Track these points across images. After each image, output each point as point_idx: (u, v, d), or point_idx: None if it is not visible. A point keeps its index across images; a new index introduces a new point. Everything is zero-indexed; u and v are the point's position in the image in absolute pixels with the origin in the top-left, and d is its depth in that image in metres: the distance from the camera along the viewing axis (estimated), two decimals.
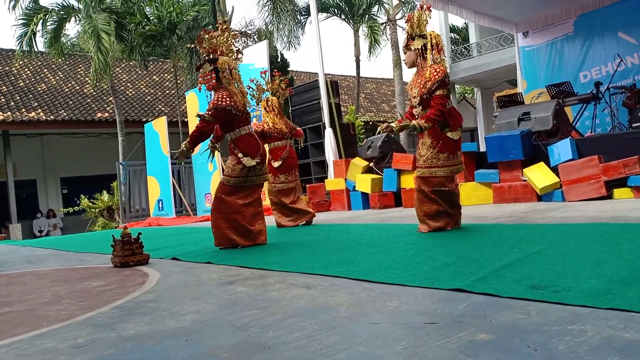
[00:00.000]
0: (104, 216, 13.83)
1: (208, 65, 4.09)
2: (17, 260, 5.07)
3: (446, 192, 3.88)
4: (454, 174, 3.92)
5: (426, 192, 3.90)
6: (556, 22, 10.36)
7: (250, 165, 4.05)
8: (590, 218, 3.94)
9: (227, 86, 4.07)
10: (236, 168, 4.07)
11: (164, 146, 11.51)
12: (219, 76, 4.07)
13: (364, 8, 19.14)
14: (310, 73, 24.01)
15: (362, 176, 7.76)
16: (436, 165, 3.86)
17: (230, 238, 4.05)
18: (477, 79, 16.76)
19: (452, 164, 3.86)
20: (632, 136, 5.62)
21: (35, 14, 14.09)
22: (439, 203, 3.87)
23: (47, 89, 17.43)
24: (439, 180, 3.85)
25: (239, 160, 4.07)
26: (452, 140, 3.86)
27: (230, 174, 4.09)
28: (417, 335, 1.51)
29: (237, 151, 4.09)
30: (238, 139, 4.11)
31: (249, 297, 2.25)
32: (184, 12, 15.53)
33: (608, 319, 1.48)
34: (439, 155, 3.85)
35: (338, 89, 9.94)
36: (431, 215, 3.91)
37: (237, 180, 4.07)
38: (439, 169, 3.85)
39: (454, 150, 3.88)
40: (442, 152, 3.85)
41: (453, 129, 3.87)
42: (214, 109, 3.97)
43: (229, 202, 4.05)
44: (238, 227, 4.05)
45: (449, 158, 3.85)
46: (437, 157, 3.86)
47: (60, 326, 2.02)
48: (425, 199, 3.91)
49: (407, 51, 3.99)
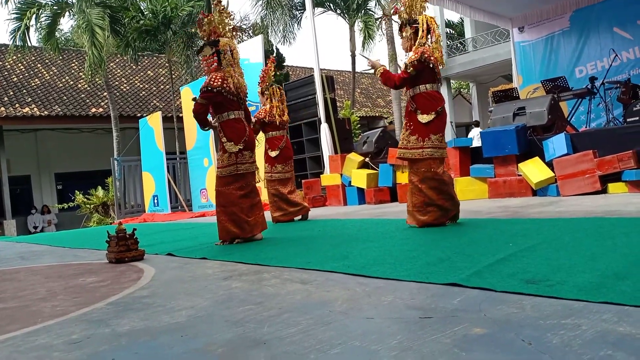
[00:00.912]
0: (99, 212, 13.79)
1: (209, 48, 4.09)
2: (12, 257, 5.05)
3: (433, 180, 3.82)
4: (424, 158, 3.83)
5: (414, 182, 3.90)
6: (552, 17, 10.37)
7: (232, 151, 4.04)
8: (585, 212, 3.96)
9: (226, 68, 4.07)
10: (224, 157, 4.09)
11: (159, 141, 11.47)
12: (220, 58, 4.07)
13: (359, 3, 19.09)
14: (306, 68, 23.97)
15: (358, 171, 7.76)
16: (405, 147, 3.90)
17: (230, 230, 4.07)
18: (472, 74, 16.78)
19: (421, 147, 3.83)
20: (626, 131, 5.64)
21: (29, 9, 13.97)
22: (425, 195, 3.84)
23: (40, 84, 17.32)
24: (421, 164, 3.83)
25: (223, 147, 4.09)
26: (421, 124, 3.85)
27: (221, 165, 4.11)
28: (412, 329, 1.51)
29: (222, 135, 4.11)
30: (225, 123, 4.11)
31: (244, 293, 2.25)
32: (179, 7, 15.44)
33: (602, 312, 1.49)
34: (410, 137, 3.89)
35: (334, 84, 9.91)
36: (418, 207, 3.89)
37: (230, 170, 4.06)
38: (407, 150, 3.88)
39: (424, 133, 3.84)
40: (412, 134, 3.88)
41: (423, 112, 3.85)
42: (205, 90, 3.99)
43: (226, 193, 4.07)
44: (236, 219, 4.06)
45: (418, 140, 3.85)
46: (407, 139, 3.90)
47: (54, 322, 2.02)
48: (413, 189, 3.92)
49: (401, 37, 4.04)
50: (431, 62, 3.80)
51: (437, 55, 3.86)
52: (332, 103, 9.42)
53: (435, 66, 3.86)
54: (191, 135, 11.19)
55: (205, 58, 4.13)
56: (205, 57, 4.13)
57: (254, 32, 18.07)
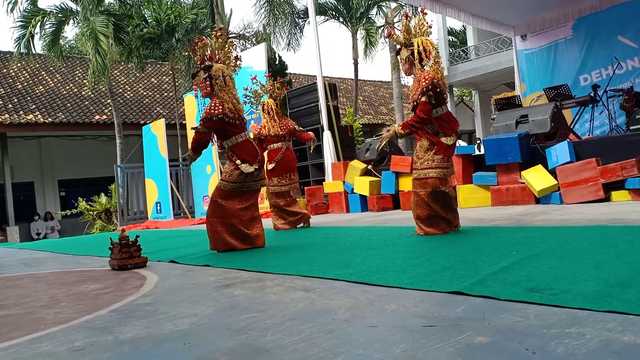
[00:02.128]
0: (102, 219, 13.81)
1: (202, 72, 4.09)
2: (15, 263, 5.06)
3: (440, 194, 3.88)
4: (446, 177, 3.96)
5: (421, 195, 3.92)
6: (554, 25, 10.39)
7: (249, 171, 4.05)
8: (588, 220, 3.95)
9: (219, 93, 4.05)
10: (234, 174, 4.07)
11: (162, 149, 11.50)
12: (212, 83, 4.05)
13: (362, 11, 19.19)
14: (309, 75, 24.04)
15: (361, 179, 7.76)
16: (430, 167, 3.90)
17: (227, 242, 4.04)
18: (475, 81, 16.81)
19: (445, 167, 3.91)
20: (629, 139, 5.63)
21: (34, 17, 14.09)
22: (431, 208, 3.89)
23: (45, 91, 17.42)
24: (433, 181, 3.87)
25: (237, 166, 4.07)
26: (446, 145, 3.90)
27: (228, 179, 4.08)
28: (416, 338, 1.51)
29: (235, 158, 4.09)
30: (236, 146, 4.12)
31: (247, 300, 2.25)
32: (182, 15, 15.54)
33: (606, 321, 1.48)
34: (435, 157, 3.90)
35: (336, 91, 9.94)
36: (424, 219, 3.93)
37: (234, 186, 4.07)
38: (432, 170, 3.89)
39: (448, 153, 3.93)
40: (437, 154, 3.91)
41: (447, 134, 3.91)
42: (207, 119, 3.98)
43: (226, 207, 4.05)
44: (235, 230, 4.05)
45: (443, 160, 3.90)
46: (432, 159, 3.91)
47: (57, 329, 2.02)
48: (419, 202, 3.94)
49: (400, 61, 4.06)
50: (440, 86, 3.83)
51: (439, 75, 3.89)
52: (335, 110, 9.44)
53: (443, 88, 3.90)
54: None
55: (197, 83, 4.12)
56: (198, 82, 4.12)
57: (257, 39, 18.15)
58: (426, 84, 3.75)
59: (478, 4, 9.63)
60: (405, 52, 3.96)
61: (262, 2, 17.57)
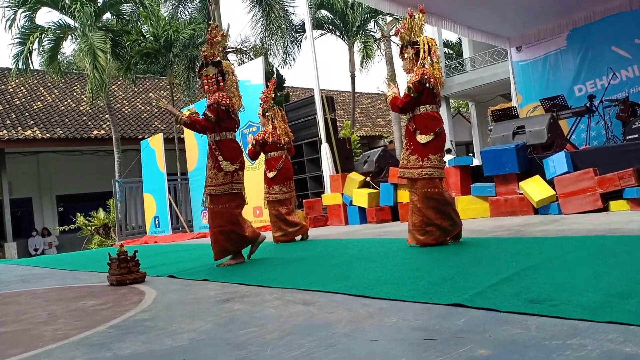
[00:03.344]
0: (100, 234, 13.75)
1: (213, 68, 4.16)
2: (13, 280, 5.03)
3: (432, 200, 3.82)
4: (424, 178, 3.84)
5: (414, 201, 3.92)
6: (549, 36, 10.48)
7: (229, 170, 4.07)
8: (587, 231, 3.94)
9: (231, 88, 4.20)
10: (218, 176, 4.08)
11: (160, 163, 11.50)
12: (225, 78, 4.18)
13: (358, 25, 19.34)
14: (306, 89, 24.16)
15: (359, 191, 7.76)
16: (406, 167, 3.93)
17: (228, 250, 4.10)
18: (471, 93, 16.91)
19: (420, 167, 3.86)
20: (626, 148, 5.65)
21: (32, 33, 14.16)
22: (423, 214, 3.85)
23: (43, 107, 17.45)
24: (421, 183, 3.85)
25: (218, 166, 4.08)
26: (420, 144, 3.89)
27: (215, 184, 4.08)
28: (416, 351, 1.50)
29: (217, 153, 4.11)
30: (222, 142, 4.15)
31: (246, 315, 2.23)
32: (180, 31, 15.65)
33: (607, 332, 1.48)
34: (410, 157, 3.93)
35: (334, 104, 9.98)
36: (418, 227, 3.90)
37: (225, 188, 4.07)
38: (407, 170, 3.91)
39: (423, 153, 3.87)
40: (412, 154, 3.92)
41: (422, 132, 3.89)
42: (215, 106, 4.03)
43: (223, 212, 4.06)
44: (233, 237, 4.09)
45: (417, 160, 3.88)
46: (408, 159, 3.94)
47: (56, 346, 2.00)
48: (413, 209, 3.94)
49: (403, 59, 4.07)
50: (431, 83, 3.83)
51: (437, 75, 3.90)
52: (333, 123, 9.47)
53: (435, 87, 3.88)
54: (192, 156, 11.23)
55: (206, 77, 4.17)
56: (207, 77, 4.17)
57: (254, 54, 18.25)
58: (416, 79, 3.81)
59: (473, 16, 9.72)
60: (411, 50, 3.98)
61: (259, 17, 17.70)
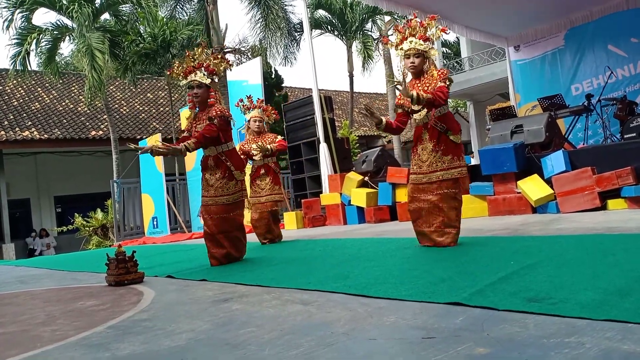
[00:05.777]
0: (98, 234, 13.74)
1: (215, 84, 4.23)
2: (11, 281, 5.02)
3: (455, 200, 3.69)
4: (458, 178, 3.72)
5: (433, 202, 3.67)
6: (546, 36, 10.50)
7: (240, 179, 4.18)
8: (585, 229, 3.95)
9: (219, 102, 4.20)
10: (230, 185, 4.13)
11: (159, 163, 11.49)
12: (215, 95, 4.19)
13: (357, 25, 19.35)
14: (304, 89, 24.18)
15: (357, 190, 7.76)
16: (442, 169, 3.68)
17: (232, 257, 4.17)
18: (469, 92, 16.90)
19: (456, 167, 3.68)
20: (624, 147, 5.66)
21: (29, 34, 14.13)
22: (445, 215, 3.67)
23: (40, 107, 17.43)
24: (446, 184, 3.66)
25: (230, 175, 4.13)
26: (454, 143, 3.72)
27: (228, 192, 4.11)
28: (415, 350, 1.50)
29: (229, 164, 4.15)
30: (231, 152, 4.22)
31: (245, 315, 2.23)
32: (178, 31, 15.63)
33: (606, 330, 1.48)
34: (443, 157, 3.69)
35: (332, 104, 9.97)
36: (436, 228, 3.69)
37: (236, 196, 4.16)
38: (444, 172, 3.67)
39: (457, 153, 3.72)
40: (445, 154, 3.69)
41: (454, 132, 3.74)
42: (221, 116, 4.02)
43: (231, 219, 4.14)
44: (237, 243, 4.21)
45: (452, 160, 3.69)
46: (441, 160, 3.69)
47: (54, 347, 2.00)
48: (432, 209, 3.69)
49: (418, 58, 3.78)
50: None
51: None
52: (331, 123, 9.47)
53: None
54: (190, 156, 11.20)
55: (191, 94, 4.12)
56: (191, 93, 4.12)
57: (252, 54, 18.25)
58: (446, 75, 3.67)
59: (471, 16, 9.73)
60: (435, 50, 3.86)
61: (257, 17, 17.69)
